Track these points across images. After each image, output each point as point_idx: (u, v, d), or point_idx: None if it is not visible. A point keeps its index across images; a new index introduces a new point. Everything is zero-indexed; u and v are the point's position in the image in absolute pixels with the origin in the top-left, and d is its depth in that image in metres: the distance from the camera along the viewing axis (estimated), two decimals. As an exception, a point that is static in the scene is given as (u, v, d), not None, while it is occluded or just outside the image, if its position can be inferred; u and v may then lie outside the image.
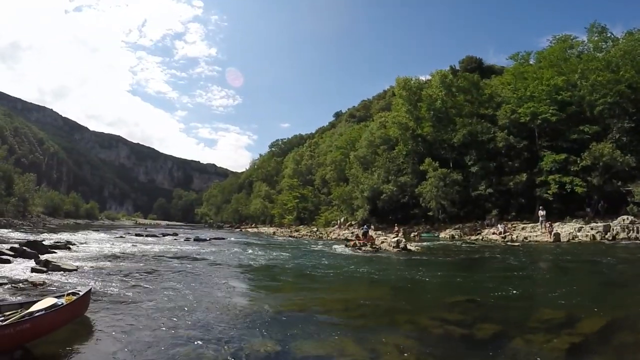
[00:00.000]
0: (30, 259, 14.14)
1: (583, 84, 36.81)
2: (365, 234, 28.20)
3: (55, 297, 7.11)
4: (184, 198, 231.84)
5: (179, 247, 26.21)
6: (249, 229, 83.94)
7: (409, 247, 23.49)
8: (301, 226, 68.01)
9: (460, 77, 47.71)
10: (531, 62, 46.13)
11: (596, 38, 40.99)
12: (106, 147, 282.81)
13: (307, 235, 51.27)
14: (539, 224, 31.72)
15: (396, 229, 37.21)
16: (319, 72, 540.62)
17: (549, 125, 37.06)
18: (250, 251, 24.57)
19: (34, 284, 10.03)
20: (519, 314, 8.74)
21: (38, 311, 6.24)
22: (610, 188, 31.96)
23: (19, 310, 6.32)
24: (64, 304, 6.75)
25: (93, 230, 44.71)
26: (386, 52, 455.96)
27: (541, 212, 31.51)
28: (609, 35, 41.06)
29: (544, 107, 37.01)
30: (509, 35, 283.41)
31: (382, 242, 25.16)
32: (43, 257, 14.22)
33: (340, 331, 7.32)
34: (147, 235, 38.12)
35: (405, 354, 5.96)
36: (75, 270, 12.59)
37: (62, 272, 12.12)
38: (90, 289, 7.99)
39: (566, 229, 29.11)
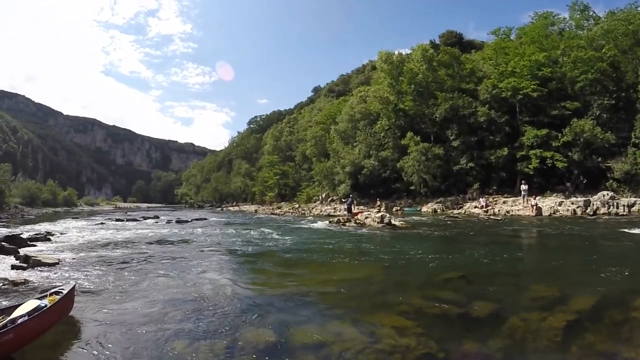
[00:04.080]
0: (9, 254, 13.35)
1: (564, 61, 37.22)
2: (349, 209, 28.01)
3: (38, 298, 6.63)
4: (163, 179, 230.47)
5: (160, 230, 25.66)
6: (230, 208, 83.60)
7: (393, 222, 23.38)
8: (283, 203, 68.05)
9: (442, 51, 47.50)
10: (512, 38, 46.26)
11: (578, 16, 41.44)
12: (81, 131, 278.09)
13: (289, 212, 51.23)
14: (520, 198, 32.07)
15: (378, 203, 37.21)
16: (297, 48, 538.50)
17: (530, 100, 37.40)
18: (232, 232, 24.20)
19: (15, 283, 9.47)
20: (511, 291, 8.69)
21: (21, 317, 5.74)
22: (591, 164, 32.63)
23: (1, 318, 5.84)
24: (48, 305, 6.25)
25: (72, 218, 43.59)
26: (365, 27, 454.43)
27: (523, 187, 31.87)
28: (591, 13, 41.56)
29: (525, 82, 37.28)
30: (489, 10, 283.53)
31: (366, 218, 25.06)
32: (22, 251, 13.56)
33: (335, 315, 7.14)
34: (127, 220, 37.42)
35: (405, 336, 5.81)
36: (57, 263, 12.02)
37: (43, 267, 11.51)
38: (74, 286, 7.47)
39: (547, 203, 29.50)
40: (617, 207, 26.74)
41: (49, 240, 19.24)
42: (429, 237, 19.14)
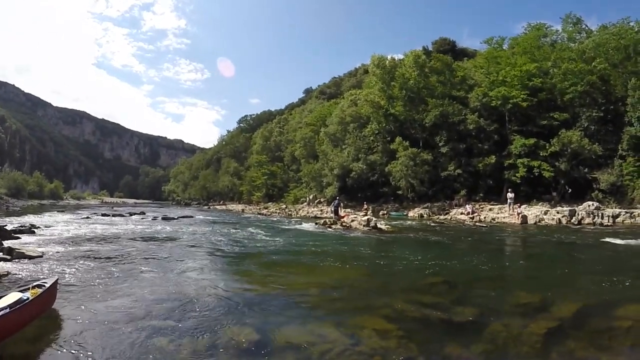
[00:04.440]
0: (-8, 246, 13.26)
1: (555, 72, 37.60)
2: (336, 211, 27.99)
3: (20, 290, 6.49)
4: (151, 175, 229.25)
5: (146, 227, 25.45)
6: (217, 207, 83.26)
7: (379, 225, 23.41)
8: (270, 203, 67.91)
9: (434, 58, 47.72)
10: (504, 48, 46.65)
11: (571, 28, 41.98)
12: (70, 124, 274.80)
13: (276, 212, 51.24)
14: (507, 205, 32.29)
15: (365, 207, 37.29)
16: (292, 48, 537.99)
17: (520, 110, 37.71)
18: (219, 230, 24.15)
19: None
20: (494, 297, 8.71)
21: (2, 309, 5.60)
22: (577, 174, 33.02)
23: None
24: (30, 298, 6.15)
25: (58, 212, 43.25)
26: (358, 30, 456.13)
27: (510, 195, 32.08)
28: (583, 27, 42.10)
29: (516, 92, 37.60)
30: (483, 19, 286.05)
31: (353, 221, 25.07)
32: (6, 243, 13.33)
33: (317, 317, 7.13)
34: (113, 215, 37.05)
35: (386, 339, 5.79)
36: (41, 256, 11.86)
37: (27, 259, 11.38)
38: (57, 280, 7.39)
39: (533, 212, 29.79)
40: (602, 218, 27.02)
41: (34, 233, 19.08)
42: (414, 242, 19.23)
